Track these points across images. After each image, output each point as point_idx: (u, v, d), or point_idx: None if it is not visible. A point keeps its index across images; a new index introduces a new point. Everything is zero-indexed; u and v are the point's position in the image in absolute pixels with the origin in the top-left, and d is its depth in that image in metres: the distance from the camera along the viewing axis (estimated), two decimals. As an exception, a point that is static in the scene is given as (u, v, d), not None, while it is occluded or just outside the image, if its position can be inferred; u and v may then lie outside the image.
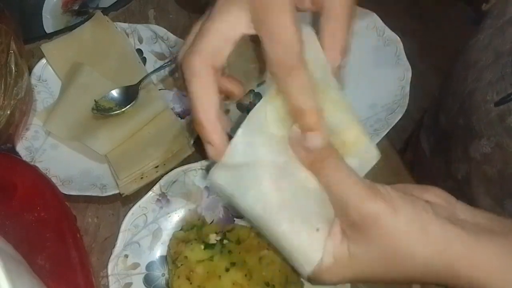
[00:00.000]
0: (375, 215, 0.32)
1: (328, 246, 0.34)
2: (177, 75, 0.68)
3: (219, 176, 0.35)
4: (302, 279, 0.53)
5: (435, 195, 0.36)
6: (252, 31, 0.35)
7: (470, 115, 0.57)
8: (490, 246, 0.33)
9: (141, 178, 0.60)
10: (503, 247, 0.33)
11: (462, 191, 0.62)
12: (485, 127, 0.54)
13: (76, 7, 0.88)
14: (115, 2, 0.78)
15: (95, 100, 0.64)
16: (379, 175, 0.63)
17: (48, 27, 0.86)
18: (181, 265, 0.50)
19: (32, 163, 0.60)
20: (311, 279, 0.36)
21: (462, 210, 0.35)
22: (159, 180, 0.56)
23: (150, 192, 0.56)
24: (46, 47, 0.67)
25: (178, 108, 0.66)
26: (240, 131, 0.35)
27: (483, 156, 0.55)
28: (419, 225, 0.33)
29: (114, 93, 0.64)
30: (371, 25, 0.68)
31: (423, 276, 0.34)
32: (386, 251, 0.33)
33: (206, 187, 0.57)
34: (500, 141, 0.52)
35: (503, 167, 0.53)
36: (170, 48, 0.68)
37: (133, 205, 0.55)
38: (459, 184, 0.62)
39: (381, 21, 0.68)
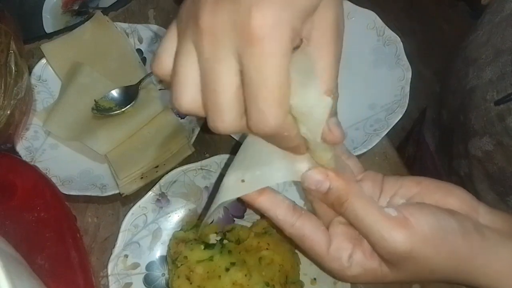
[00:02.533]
0: (405, 252, 0.32)
1: (358, 258, 0.35)
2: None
3: None
4: (301, 280, 0.53)
5: (459, 199, 0.36)
6: None
7: (469, 112, 0.57)
8: (509, 253, 0.34)
9: (141, 178, 0.60)
10: None
11: (465, 187, 0.62)
12: (485, 125, 0.54)
13: (76, 7, 0.88)
14: (115, 2, 0.78)
15: (95, 100, 0.64)
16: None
17: (48, 27, 0.86)
18: (181, 265, 0.50)
19: (32, 163, 0.60)
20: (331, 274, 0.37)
21: (483, 214, 0.36)
22: (159, 180, 0.56)
23: (150, 192, 0.56)
24: (46, 47, 0.67)
25: (178, 108, 0.66)
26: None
27: (485, 153, 0.55)
28: (447, 249, 0.33)
29: (114, 93, 0.64)
30: (371, 25, 0.68)
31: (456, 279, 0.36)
32: (414, 273, 0.34)
33: (206, 187, 0.57)
34: (500, 139, 0.52)
35: (504, 165, 0.53)
36: (170, 48, 0.67)
37: (133, 205, 0.55)
38: (462, 180, 0.62)
39: (381, 21, 0.68)
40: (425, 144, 0.75)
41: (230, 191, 0.35)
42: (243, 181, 0.34)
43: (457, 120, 0.60)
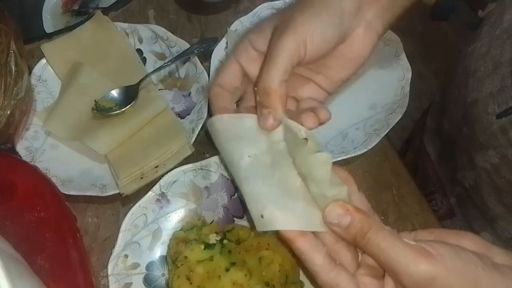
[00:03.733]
0: (431, 279, 0.33)
1: None
2: (177, 75, 0.68)
3: (218, 120, 0.39)
4: (301, 279, 0.53)
5: (473, 242, 0.36)
6: None
7: (473, 125, 0.56)
8: None
9: (141, 178, 0.60)
10: None
11: (471, 198, 0.61)
12: (489, 138, 0.54)
13: (76, 7, 0.88)
14: (115, 2, 0.78)
15: (95, 100, 0.64)
16: (379, 175, 0.63)
17: (48, 27, 0.86)
18: (181, 265, 0.50)
19: (32, 163, 0.60)
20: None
21: (498, 254, 0.36)
22: (159, 180, 0.56)
23: (150, 192, 0.56)
24: (46, 47, 0.67)
25: (178, 108, 0.66)
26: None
27: (492, 166, 0.55)
28: (471, 281, 0.33)
29: (114, 93, 0.64)
30: (371, 25, 0.68)
31: None
32: None
33: (206, 187, 0.57)
34: (505, 152, 0.52)
35: (511, 178, 0.53)
36: (170, 48, 0.68)
37: (133, 205, 0.55)
38: (467, 191, 0.62)
39: (381, 21, 0.68)
40: (425, 153, 0.74)
41: (255, 221, 0.37)
42: (262, 216, 0.36)
43: (460, 132, 0.60)
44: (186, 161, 0.60)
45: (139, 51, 0.69)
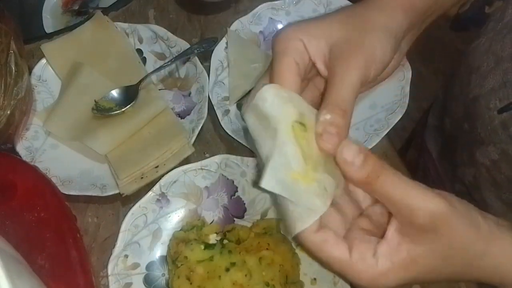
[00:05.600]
0: (446, 215, 0.33)
1: (383, 251, 0.34)
2: (177, 75, 0.68)
3: (248, 118, 0.37)
4: (301, 280, 0.53)
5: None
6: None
7: (474, 121, 0.56)
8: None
9: (141, 178, 0.60)
10: None
11: (471, 195, 0.61)
12: (490, 134, 0.54)
13: (76, 7, 0.88)
14: (115, 2, 0.78)
15: (95, 100, 0.64)
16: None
17: (48, 27, 0.86)
18: (181, 265, 0.50)
19: (32, 163, 0.60)
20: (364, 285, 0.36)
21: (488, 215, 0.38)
22: (159, 180, 0.56)
23: (150, 192, 0.56)
24: (46, 47, 0.67)
25: (178, 108, 0.66)
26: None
27: (492, 162, 0.55)
28: (476, 224, 0.35)
29: (114, 93, 0.64)
30: (371, 25, 0.68)
31: (471, 272, 0.37)
32: (450, 247, 0.34)
33: (206, 187, 0.57)
34: (505, 148, 0.52)
35: (510, 173, 0.53)
36: (170, 48, 0.68)
37: (133, 205, 0.55)
38: (467, 188, 0.62)
39: (381, 21, 0.68)
40: (427, 150, 0.74)
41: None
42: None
43: (461, 128, 0.60)
44: (186, 161, 0.60)
45: (139, 51, 0.69)
